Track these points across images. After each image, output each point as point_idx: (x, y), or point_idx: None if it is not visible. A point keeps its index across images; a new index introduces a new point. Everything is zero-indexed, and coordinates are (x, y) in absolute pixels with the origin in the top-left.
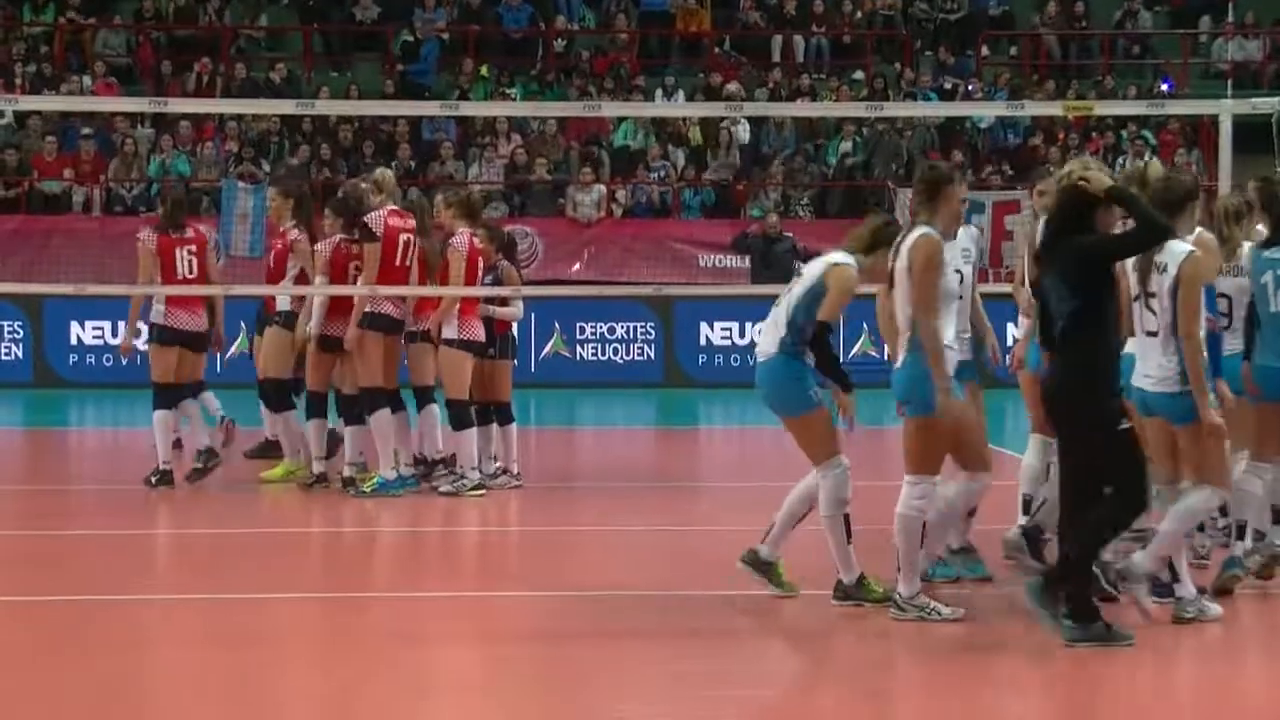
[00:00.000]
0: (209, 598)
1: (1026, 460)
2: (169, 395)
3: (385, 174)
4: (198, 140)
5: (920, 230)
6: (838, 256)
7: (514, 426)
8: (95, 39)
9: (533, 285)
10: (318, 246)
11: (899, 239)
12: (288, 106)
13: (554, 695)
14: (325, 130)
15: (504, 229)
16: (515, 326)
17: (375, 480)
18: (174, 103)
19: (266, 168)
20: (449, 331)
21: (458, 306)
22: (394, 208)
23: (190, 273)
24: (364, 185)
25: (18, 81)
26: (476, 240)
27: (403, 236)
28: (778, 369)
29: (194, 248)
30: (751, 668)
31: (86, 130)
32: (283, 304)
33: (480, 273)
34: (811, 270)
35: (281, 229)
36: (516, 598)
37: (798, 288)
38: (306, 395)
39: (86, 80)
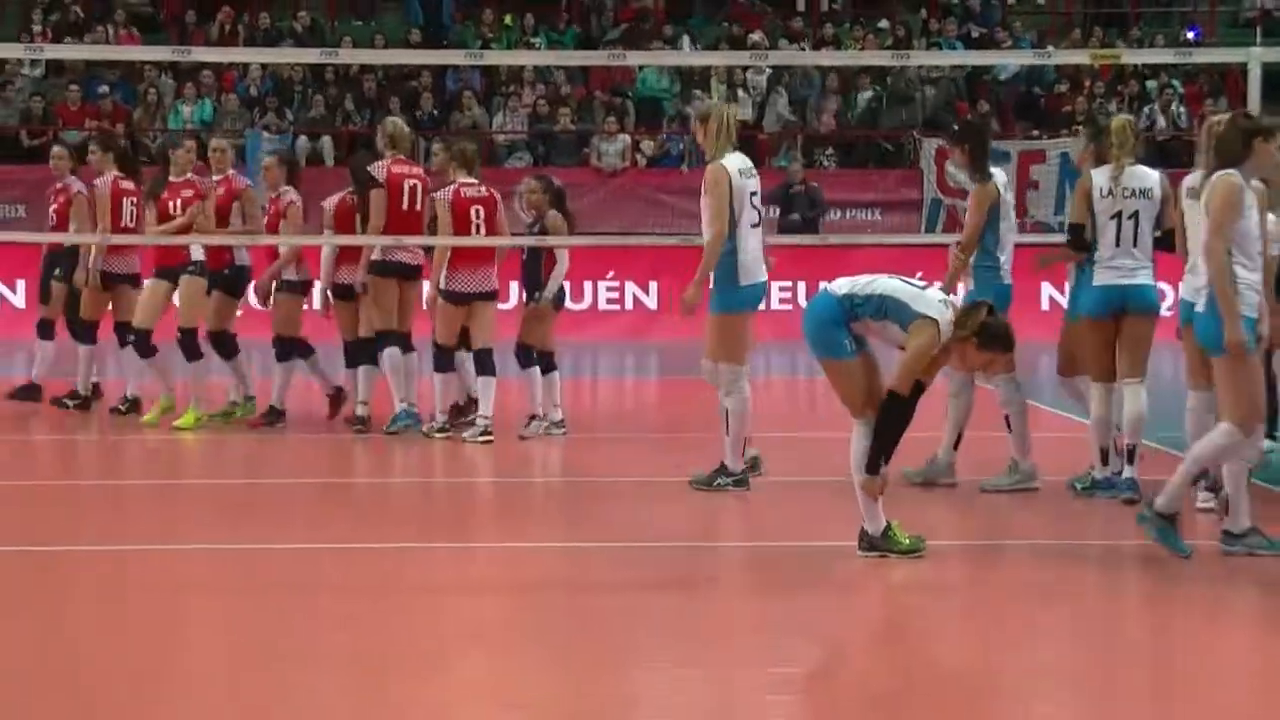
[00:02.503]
0: (241, 547)
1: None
2: (91, 330)
3: (397, 125)
4: (220, 90)
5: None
6: (935, 312)
7: (556, 375)
8: None
9: (583, 234)
10: (324, 202)
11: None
12: (311, 55)
13: (601, 645)
14: (348, 80)
15: (554, 179)
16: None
17: (393, 418)
18: (197, 51)
19: (290, 117)
20: (441, 280)
21: (448, 256)
22: (399, 157)
23: (132, 221)
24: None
25: (37, 29)
26: (466, 191)
27: (408, 183)
28: (820, 309)
29: (135, 199)
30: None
31: (105, 83)
32: (196, 254)
33: (478, 222)
34: (917, 295)
35: (275, 194)
36: (567, 548)
37: (897, 283)
38: (345, 345)
39: (110, 30)
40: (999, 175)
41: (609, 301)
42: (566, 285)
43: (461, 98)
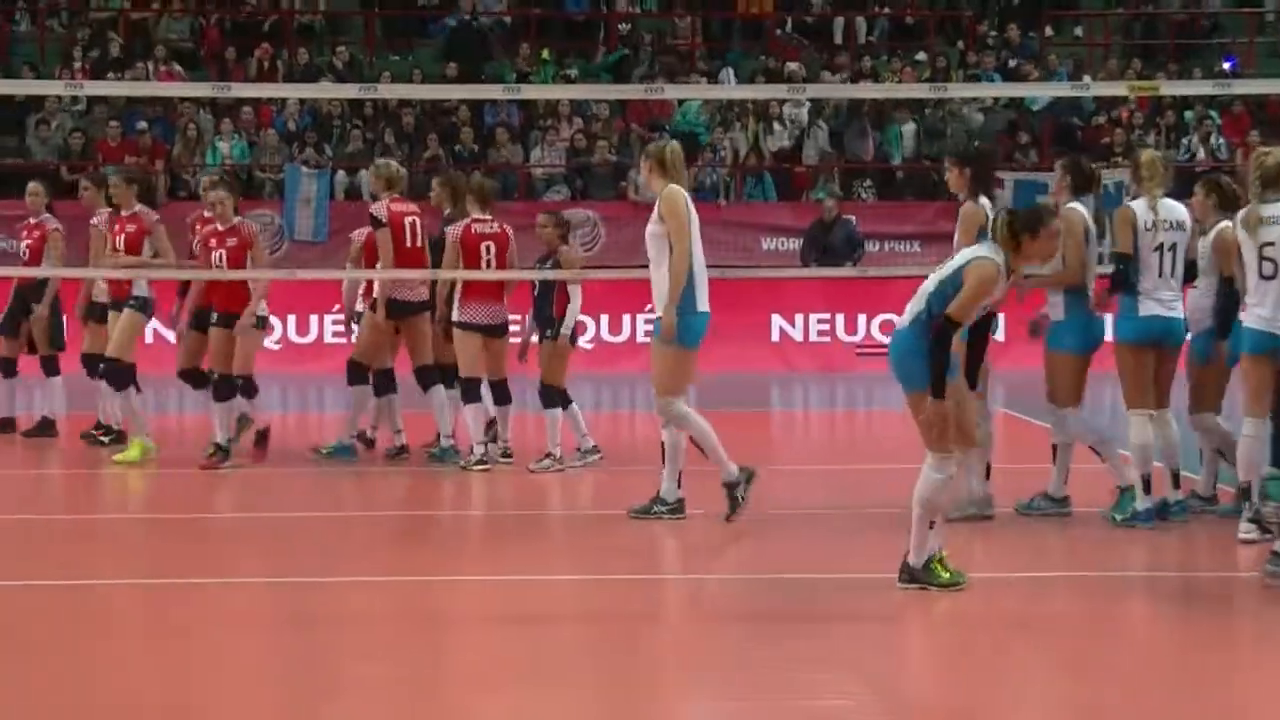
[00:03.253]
0: (273, 581)
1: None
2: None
3: (390, 165)
4: (259, 125)
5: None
6: (982, 250)
7: (575, 408)
8: (159, 25)
9: (594, 268)
10: (353, 234)
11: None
12: (350, 90)
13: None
14: (387, 115)
15: (564, 213)
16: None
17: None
18: (237, 88)
19: (329, 152)
20: (454, 313)
21: (459, 288)
22: (396, 195)
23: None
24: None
25: (78, 65)
26: (478, 227)
27: (408, 220)
28: (900, 343)
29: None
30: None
31: (143, 121)
32: (140, 289)
33: (489, 258)
34: (954, 260)
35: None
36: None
37: (936, 275)
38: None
39: (150, 67)
40: (1078, 208)
41: (647, 334)
42: (587, 320)
43: (496, 132)
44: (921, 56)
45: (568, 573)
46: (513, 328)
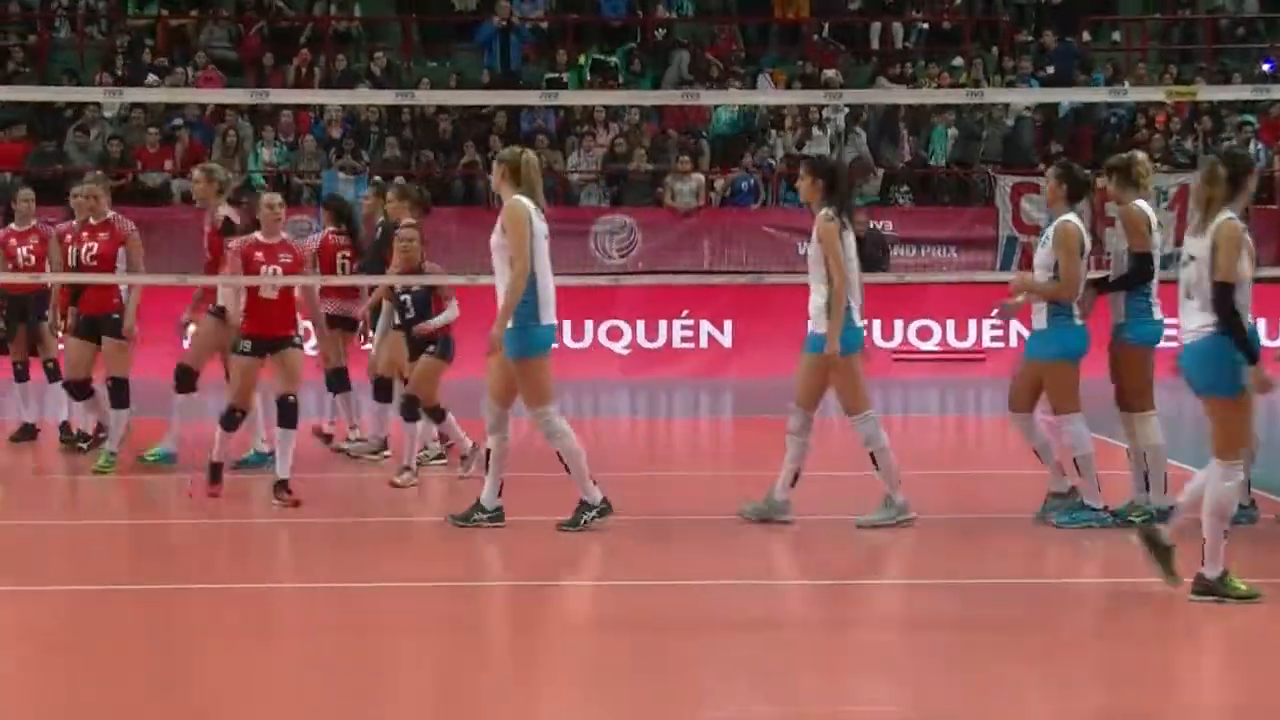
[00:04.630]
0: (299, 587)
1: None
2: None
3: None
4: (298, 131)
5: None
6: (1225, 213)
7: (441, 421)
8: (199, 32)
9: (632, 275)
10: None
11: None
12: (387, 96)
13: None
14: (424, 121)
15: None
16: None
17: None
18: (275, 94)
19: (366, 158)
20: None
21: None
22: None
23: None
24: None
25: (119, 73)
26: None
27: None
28: (1206, 348)
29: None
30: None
31: (178, 121)
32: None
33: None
34: (1208, 234)
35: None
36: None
37: (1193, 270)
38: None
39: (190, 73)
40: (1075, 219)
41: (683, 340)
42: (623, 325)
43: (535, 139)
44: (958, 62)
45: (606, 579)
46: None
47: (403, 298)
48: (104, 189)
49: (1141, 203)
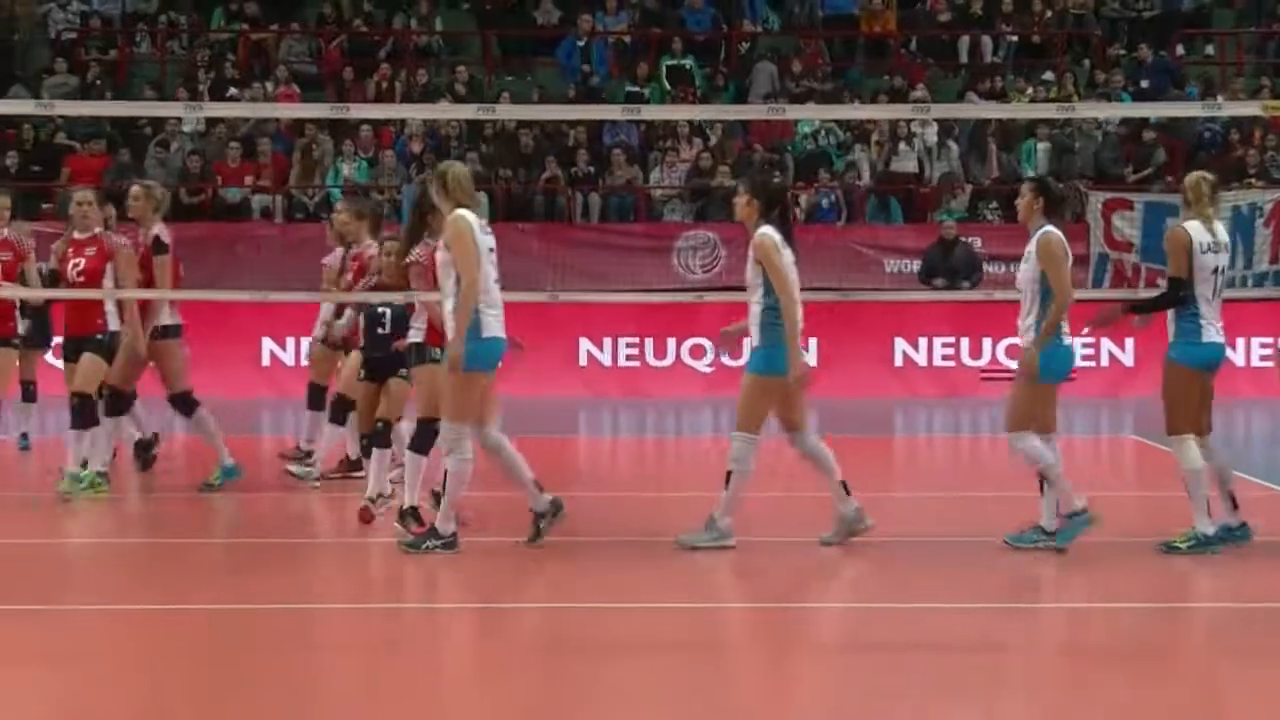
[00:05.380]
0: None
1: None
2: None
3: (156, 188)
4: (379, 147)
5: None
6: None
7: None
8: (280, 46)
9: (716, 290)
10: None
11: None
12: (468, 111)
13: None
14: (506, 136)
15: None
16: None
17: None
18: (355, 108)
19: None
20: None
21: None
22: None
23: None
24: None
25: (201, 87)
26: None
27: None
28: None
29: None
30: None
31: (265, 139)
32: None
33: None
34: None
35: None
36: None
37: None
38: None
39: (270, 87)
40: (1056, 231)
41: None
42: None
43: (612, 154)
44: (1048, 76)
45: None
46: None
47: (380, 310)
48: (97, 200)
49: (1192, 224)
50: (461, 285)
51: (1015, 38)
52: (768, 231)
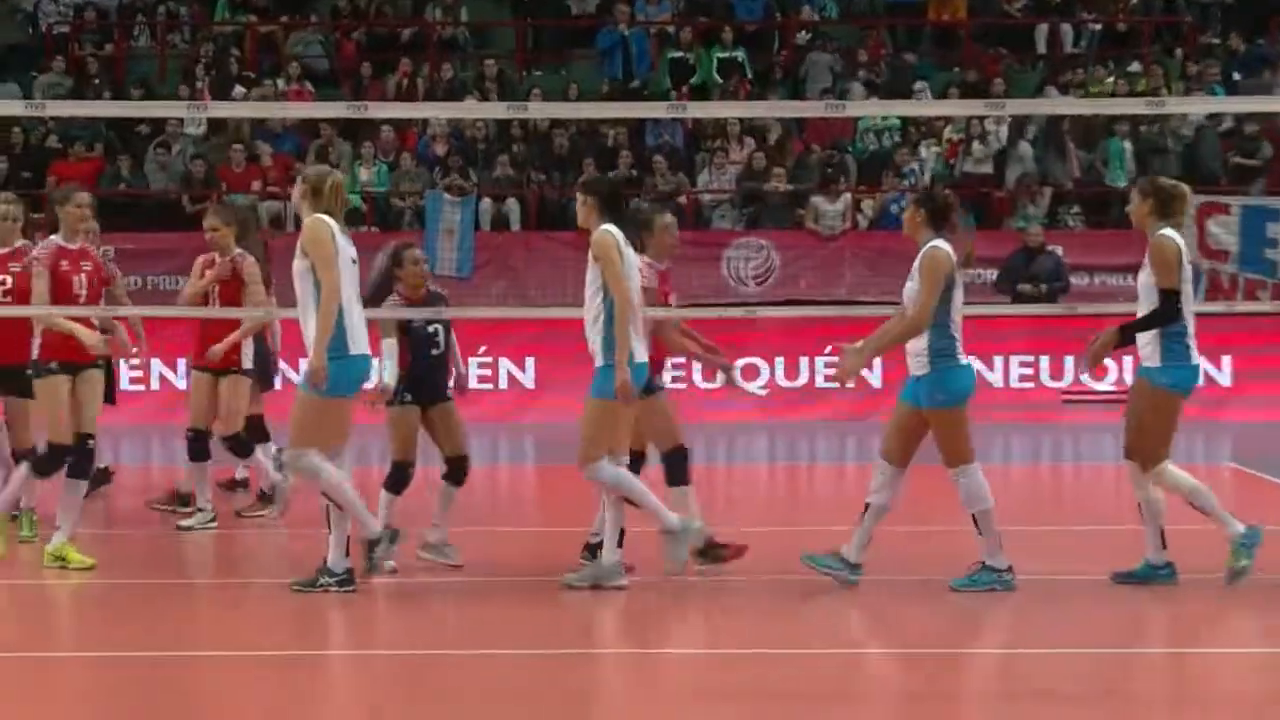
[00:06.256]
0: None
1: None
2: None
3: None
4: (399, 149)
5: None
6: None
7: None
8: (290, 39)
9: (770, 305)
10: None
11: None
12: (498, 109)
13: None
14: (538, 137)
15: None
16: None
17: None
18: (373, 107)
19: (474, 178)
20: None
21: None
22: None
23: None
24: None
25: (199, 84)
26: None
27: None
28: None
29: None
30: None
31: (266, 142)
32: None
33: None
34: None
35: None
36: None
37: None
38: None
39: (280, 84)
40: (944, 245)
41: (828, 379)
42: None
43: (655, 155)
44: (1135, 67)
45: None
46: None
47: (432, 329)
48: (19, 210)
49: (1172, 233)
50: (322, 293)
51: (1098, 26)
52: (609, 229)
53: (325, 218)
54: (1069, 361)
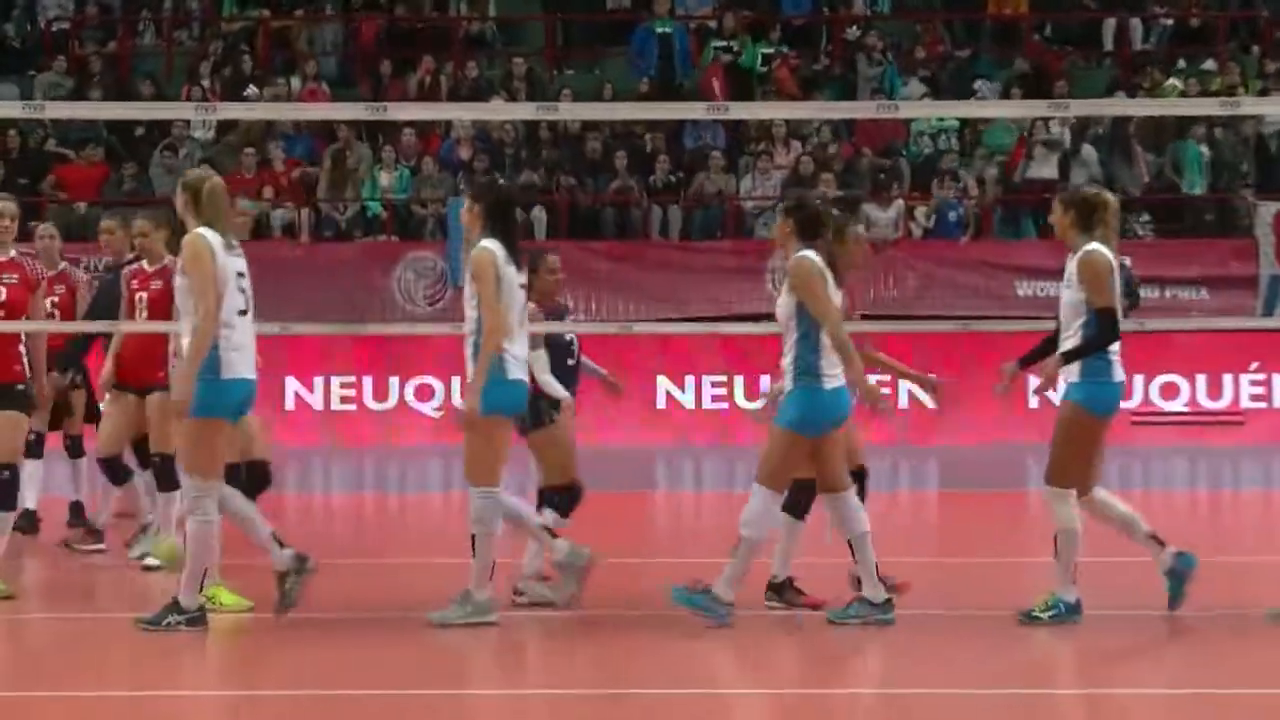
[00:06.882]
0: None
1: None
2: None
3: None
4: (422, 152)
5: None
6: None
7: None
8: (305, 36)
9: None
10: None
11: None
12: (526, 110)
13: None
14: (569, 139)
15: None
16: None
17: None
18: (394, 108)
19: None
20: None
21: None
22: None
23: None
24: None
25: (205, 83)
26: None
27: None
28: None
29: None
30: None
31: (287, 142)
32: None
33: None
34: None
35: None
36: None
37: None
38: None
39: (294, 84)
40: (812, 255)
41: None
42: None
43: (695, 159)
44: (1209, 65)
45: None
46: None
47: (569, 339)
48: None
49: (1101, 247)
50: (199, 313)
51: (1169, 21)
52: (488, 245)
53: (206, 233)
54: (1138, 381)
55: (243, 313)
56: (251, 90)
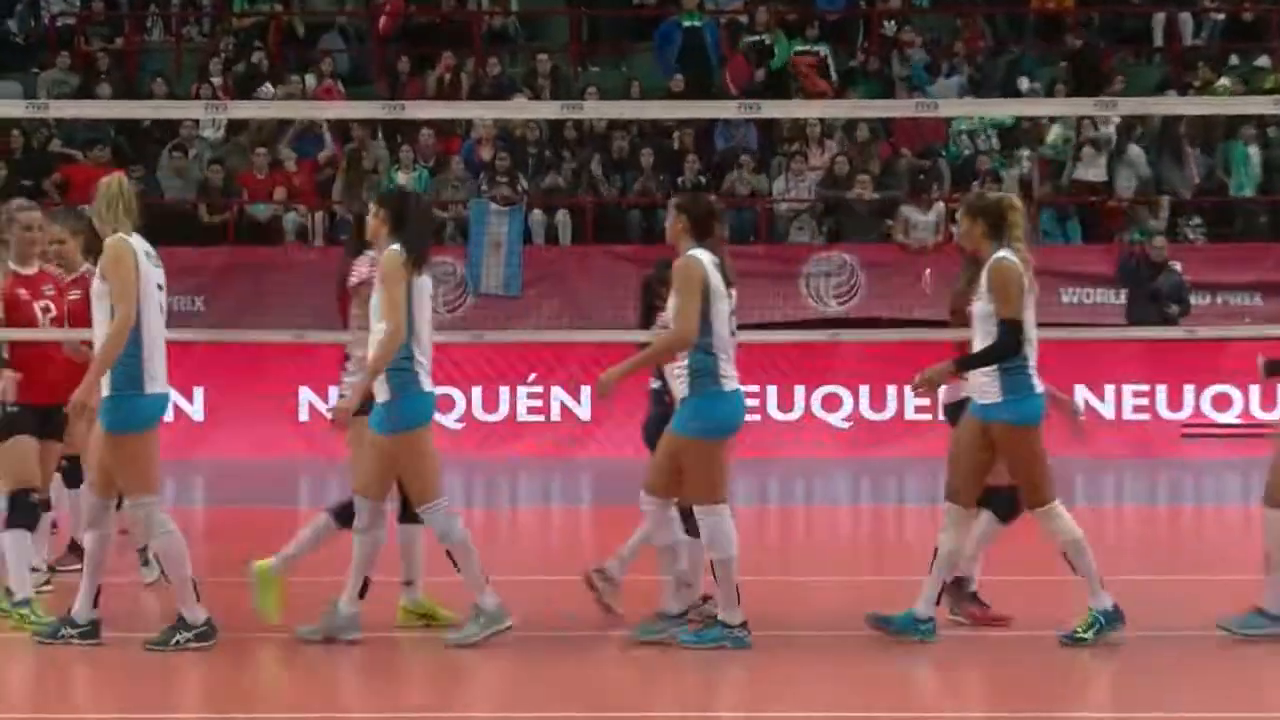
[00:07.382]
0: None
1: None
2: None
3: None
4: (441, 153)
5: None
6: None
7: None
8: (320, 32)
9: (854, 327)
10: None
11: None
12: (549, 109)
13: None
14: (595, 138)
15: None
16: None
17: None
18: (412, 107)
19: (524, 185)
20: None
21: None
22: None
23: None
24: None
25: (217, 81)
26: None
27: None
28: None
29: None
30: None
31: (288, 147)
32: None
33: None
34: None
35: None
36: None
37: None
38: None
39: (309, 82)
40: (699, 255)
41: (919, 409)
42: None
43: (726, 160)
44: (1263, 61)
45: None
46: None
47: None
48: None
49: (1011, 256)
50: (115, 320)
51: (1220, 15)
52: (394, 250)
53: (129, 239)
54: (1188, 391)
55: (159, 321)
56: (266, 88)
